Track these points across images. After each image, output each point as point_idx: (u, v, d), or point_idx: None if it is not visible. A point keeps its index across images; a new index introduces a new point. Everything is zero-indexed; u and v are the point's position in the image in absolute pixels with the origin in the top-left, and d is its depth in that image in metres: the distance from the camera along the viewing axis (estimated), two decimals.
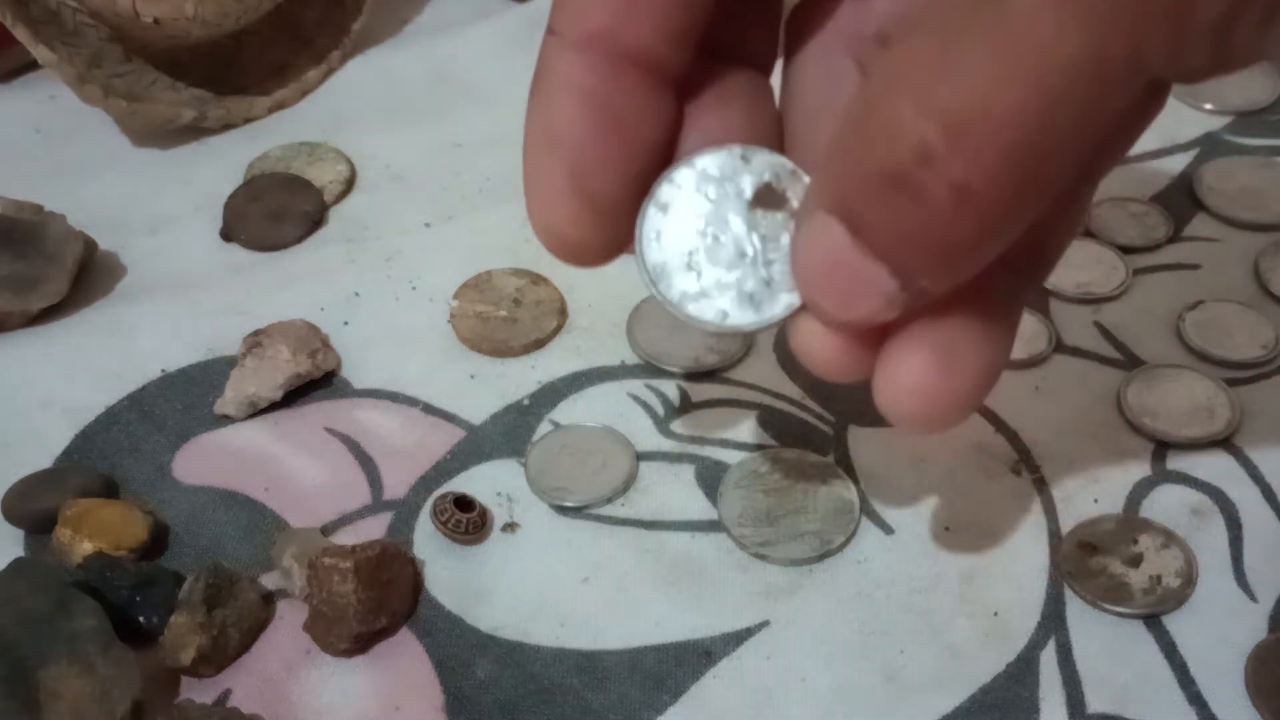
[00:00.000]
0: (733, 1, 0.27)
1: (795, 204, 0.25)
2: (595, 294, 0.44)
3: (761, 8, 0.29)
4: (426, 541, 0.36)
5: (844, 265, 0.23)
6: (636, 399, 0.40)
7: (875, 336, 0.25)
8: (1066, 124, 0.20)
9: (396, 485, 0.38)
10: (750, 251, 0.25)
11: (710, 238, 0.25)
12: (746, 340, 0.42)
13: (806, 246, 0.24)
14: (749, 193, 0.25)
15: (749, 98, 0.27)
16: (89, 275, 0.45)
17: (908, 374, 0.25)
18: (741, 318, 0.25)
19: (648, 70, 0.25)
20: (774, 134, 0.27)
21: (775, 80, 0.29)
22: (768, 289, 0.25)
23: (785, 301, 0.25)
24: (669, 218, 0.26)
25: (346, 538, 0.36)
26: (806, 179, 0.25)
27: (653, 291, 0.26)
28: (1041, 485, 0.37)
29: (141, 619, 0.33)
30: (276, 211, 0.47)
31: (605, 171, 0.25)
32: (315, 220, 0.47)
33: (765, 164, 0.25)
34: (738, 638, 0.34)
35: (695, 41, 0.25)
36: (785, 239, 0.25)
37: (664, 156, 0.26)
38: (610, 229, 0.26)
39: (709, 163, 0.25)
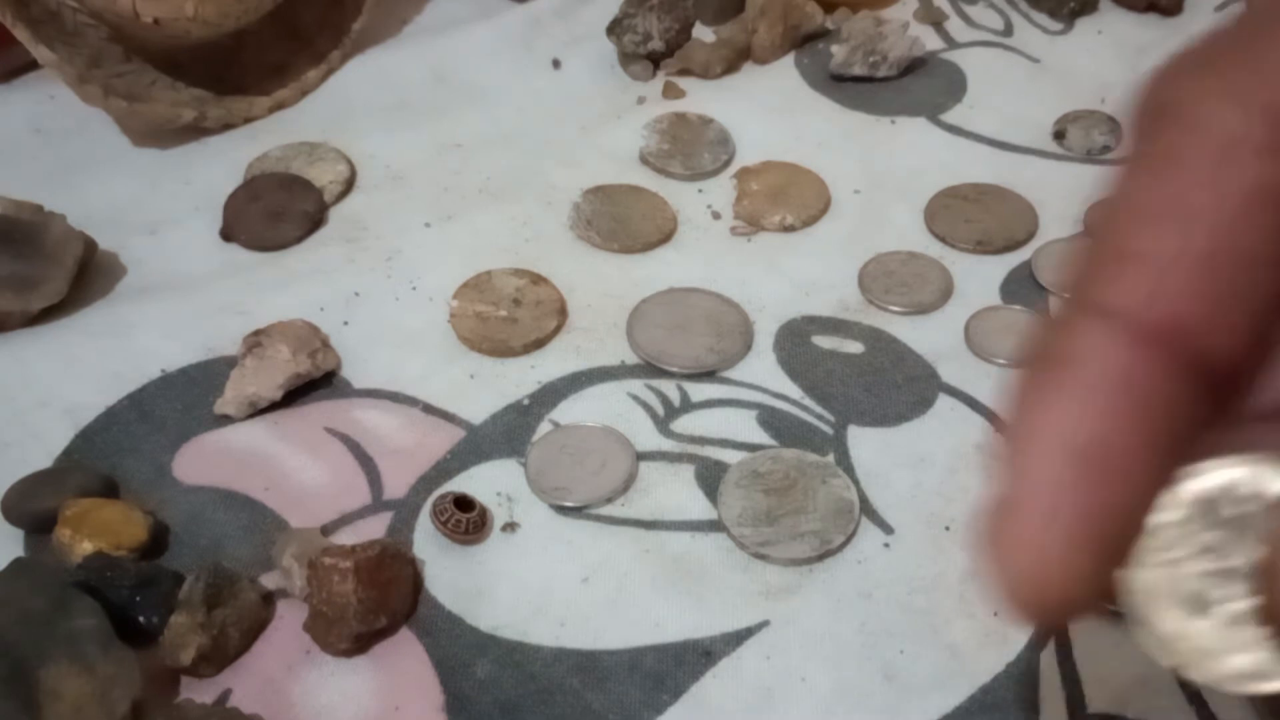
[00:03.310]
0: None
1: None
2: (595, 294, 0.44)
3: None
4: (426, 541, 0.36)
5: None
6: (636, 399, 0.40)
7: None
8: None
9: (396, 485, 0.38)
10: None
11: (1198, 567, 0.19)
12: (746, 341, 0.42)
13: None
14: (1243, 508, 0.19)
15: None
16: (89, 275, 0.45)
17: None
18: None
19: (1219, 386, 0.18)
20: None
21: None
22: None
23: None
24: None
25: (346, 537, 0.36)
26: None
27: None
28: None
29: (141, 619, 0.33)
30: (276, 211, 0.47)
31: (1140, 515, 0.18)
32: (315, 220, 0.47)
33: None
34: (738, 637, 0.34)
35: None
36: None
37: None
38: (1103, 587, 0.19)
39: (1218, 477, 0.19)
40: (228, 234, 0.47)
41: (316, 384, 0.41)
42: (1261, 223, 0.17)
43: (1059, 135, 0.50)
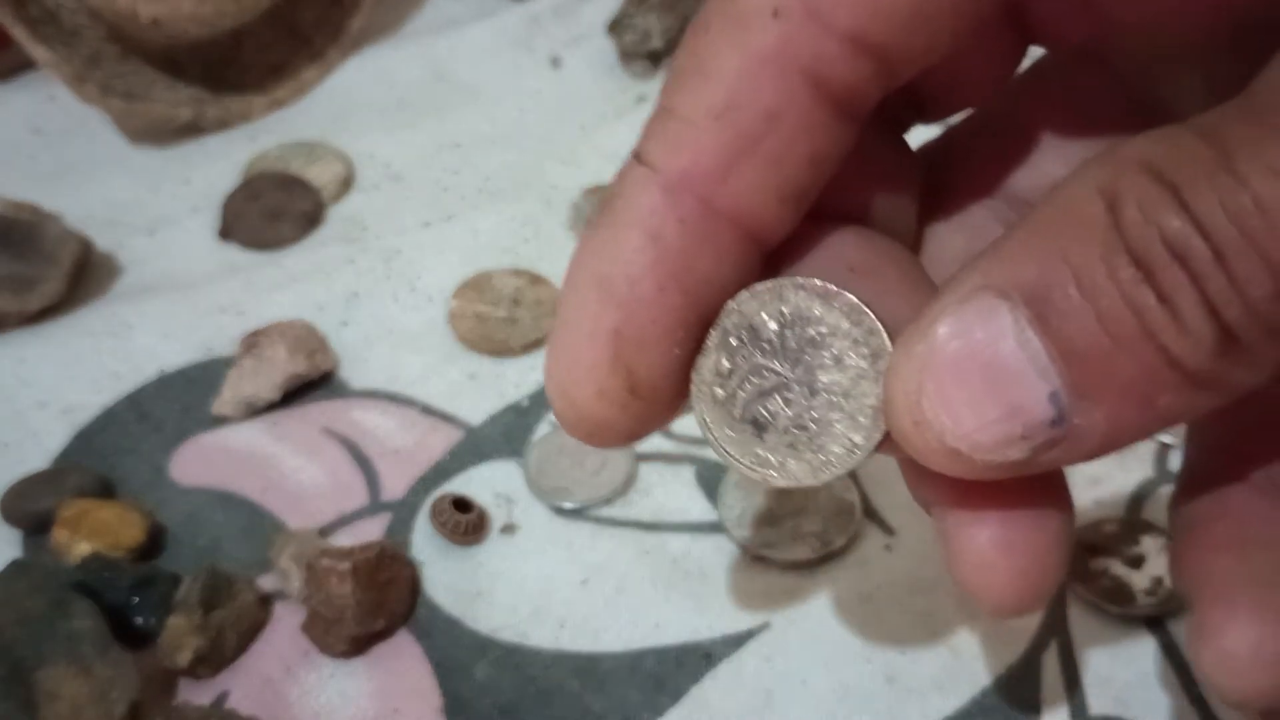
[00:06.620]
0: (861, 165, 0.22)
1: (846, 325, 0.20)
2: None
3: (895, 170, 0.23)
4: (425, 543, 0.36)
5: (992, 365, 0.17)
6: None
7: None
8: None
9: (395, 486, 0.38)
10: (786, 393, 0.21)
11: (748, 395, 0.21)
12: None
13: (945, 331, 0.18)
14: (770, 332, 0.21)
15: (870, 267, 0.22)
16: (86, 275, 0.45)
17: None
18: (798, 471, 0.21)
19: (745, 232, 0.20)
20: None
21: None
22: (819, 432, 0.20)
23: (847, 443, 0.20)
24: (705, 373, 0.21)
25: (344, 539, 0.36)
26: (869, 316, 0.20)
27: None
28: None
29: (139, 620, 0.33)
30: (274, 211, 0.47)
31: (658, 345, 0.20)
32: (313, 220, 0.47)
33: (800, 297, 0.20)
34: (738, 640, 0.34)
35: (808, 205, 0.21)
36: (826, 375, 0.20)
37: None
38: (640, 415, 0.21)
39: (749, 305, 0.21)
40: (226, 234, 0.47)
41: (315, 384, 0.41)
42: (775, 82, 0.19)
43: None
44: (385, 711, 0.32)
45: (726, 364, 0.21)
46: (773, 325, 0.20)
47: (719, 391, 0.21)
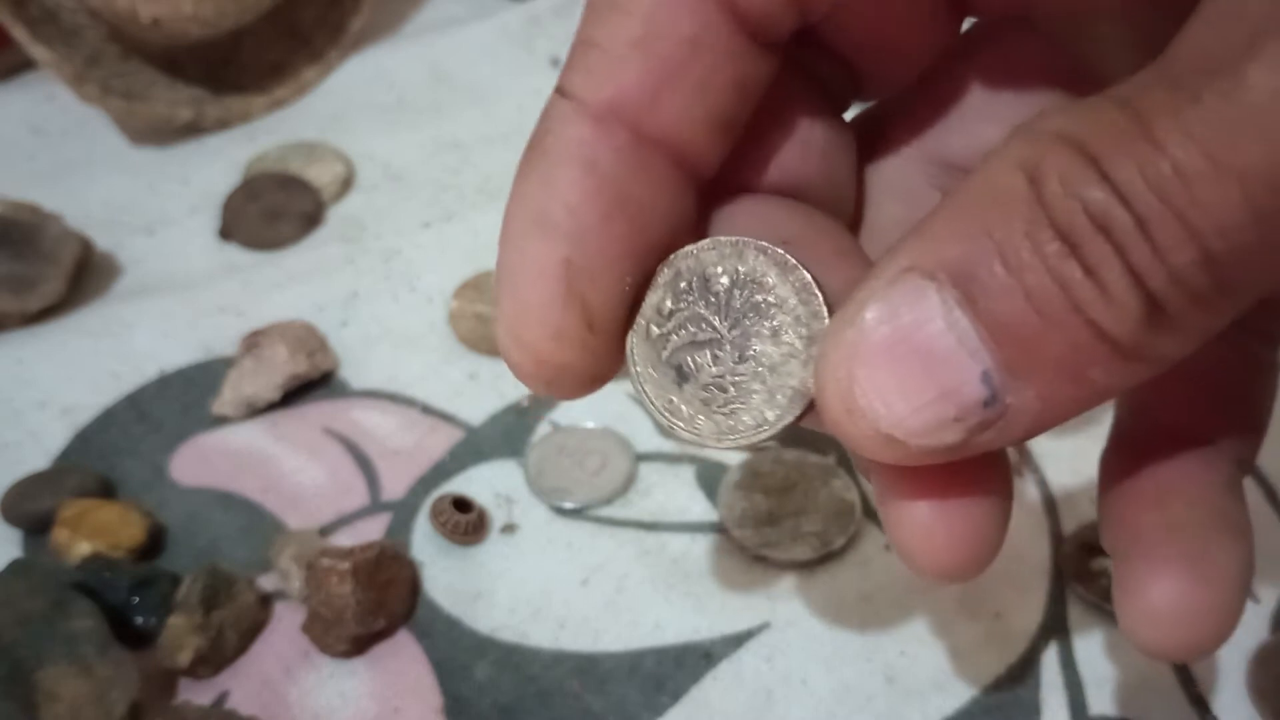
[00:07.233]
0: (798, 141, 0.22)
1: (794, 301, 0.20)
2: None
3: (833, 145, 0.23)
4: (425, 543, 0.36)
5: (922, 348, 0.17)
6: (636, 399, 0.40)
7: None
8: None
9: (395, 486, 0.38)
10: (719, 354, 0.21)
11: (680, 341, 0.21)
12: None
13: (873, 316, 0.18)
14: (720, 286, 0.20)
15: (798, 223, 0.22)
16: (86, 275, 0.45)
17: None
18: (705, 429, 0.21)
19: (676, 159, 0.20)
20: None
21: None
22: (740, 397, 0.20)
23: (767, 414, 0.20)
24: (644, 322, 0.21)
25: (344, 539, 0.36)
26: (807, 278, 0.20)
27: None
28: (1043, 486, 0.37)
29: (139, 620, 0.33)
30: (274, 211, 0.47)
31: (609, 274, 0.20)
32: (313, 220, 0.47)
33: (751, 256, 0.20)
34: (738, 639, 0.34)
35: (735, 136, 0.21)
36: (760, 344, 0.20)
37: None
38: (598, 353, 0.20)
39: (686, 258, 0.21)
40: (226, 234, 0.47)
41: (315, 385, 0.41)
42: (691, 10, 0.19)
43: None
44: (385, 711, 0.32)
45: (670, 305, 0.21)
46: (724, 280, 0.20)
47: (654, 329, 0.21)
